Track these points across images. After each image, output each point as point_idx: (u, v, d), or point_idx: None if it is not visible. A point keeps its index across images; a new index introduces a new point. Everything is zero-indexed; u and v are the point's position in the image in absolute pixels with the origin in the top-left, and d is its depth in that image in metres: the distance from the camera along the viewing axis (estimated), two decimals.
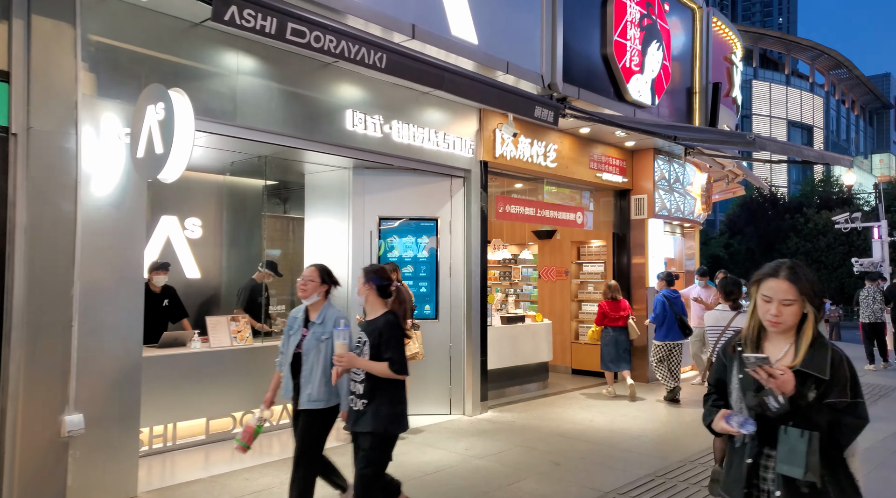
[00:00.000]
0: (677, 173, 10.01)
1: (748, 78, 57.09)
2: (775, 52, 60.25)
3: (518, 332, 8.28)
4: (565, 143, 8.35)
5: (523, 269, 11.09)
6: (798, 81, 60.69)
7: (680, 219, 10.15)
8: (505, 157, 7.39)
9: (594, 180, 8.93)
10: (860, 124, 73.05)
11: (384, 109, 6.16)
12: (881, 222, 14.87)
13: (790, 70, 60.27)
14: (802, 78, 61.95)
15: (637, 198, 9.66)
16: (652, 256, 9.58)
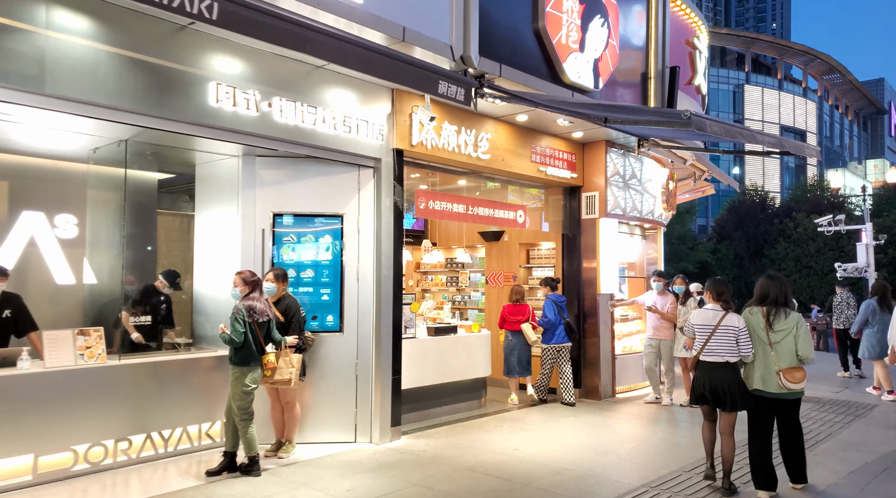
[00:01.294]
0: (633, 169, 9.12)
1: (740, 82, 56.50)
2: (768, 56, 59.66)
3: (448, 344, 7.35)
4: (501, 133, 7.45)
5: (471, 273, 10.19)
6: (791, 86, 60.10)
7: (637, 219, 9.26)
8: (424, 145, 6.48)
9: (537, 176, 8.03)
10: (854, 130, 72.51)
11: (262, 84, 5.26)
12: (866, 225, 14.00)
13: (783, 75, 59.66)
14: (795, 83, 61.37)
15: (588, 195, 8.76)
16: (604, 259, 8.68)
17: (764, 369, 4.63)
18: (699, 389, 4.79)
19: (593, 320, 8.66)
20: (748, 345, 4.65)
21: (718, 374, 4.68)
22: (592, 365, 8.65)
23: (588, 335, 8.72)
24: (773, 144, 5.84)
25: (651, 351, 8.26)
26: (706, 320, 4.82)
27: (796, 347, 4.57)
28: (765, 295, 4.75)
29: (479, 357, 7.76)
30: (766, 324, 4.65)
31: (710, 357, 4.74)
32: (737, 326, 4.69)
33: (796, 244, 30.21)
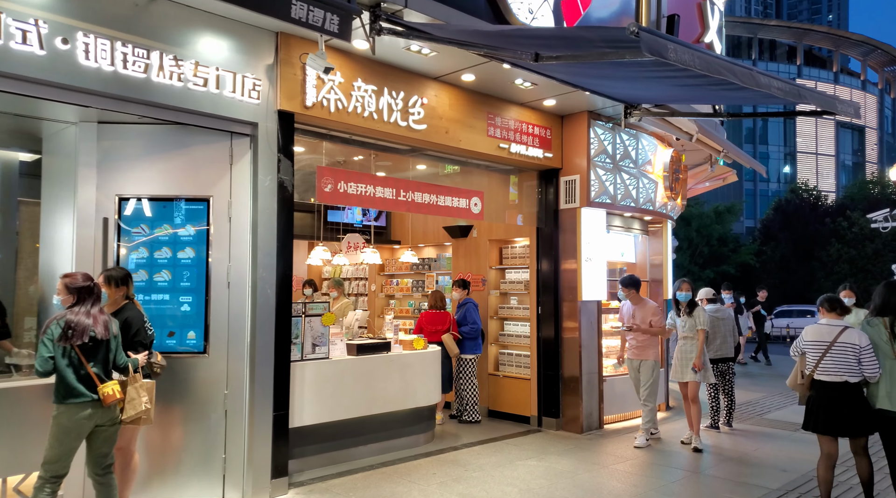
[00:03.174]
0: (626, 147, 7.40)
1: (791, 77, 53.05)
2: (823, 49, 55.98)
3: (377, 366, 5.82)
4: (442, 98, 5.89)
5: (439, 276, 8.63)
6: (848, 79, 56.27)
7: (633, 209, 7.52)
8: (326, 108, 4.99)
9: (497, 154, 6.43)
10: None
11: (56, 12, 3.84)
12: None
13: (839, 67, 55.87)
14: (853, 75, 57.47)
15: (567, 180, 7.10)
16: (586, 258, 6.99)
17: (891, 386, 4.21)
18: (814, 412, 4.41)
19: (573, 333, 6.99)
20: (874, 365, 4.23)
21: (838, 395, 4.30)
22: (572, 389, 6.97)
23: (567, 351, 7.04)
24: (784, 92, 4.11)
25: (633, 376, 6.57)
26: (820, 336, 4.44)
27: None
28: (885, 303, 4.37)
29: (424, 380, 6.20)
30: (889, 336, 4.28)
31: (826, 376, 4.36)
32: (857, 343, 4.28)
33: (851, 245, 27.43)
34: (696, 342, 6.26)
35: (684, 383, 6.42)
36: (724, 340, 7.11)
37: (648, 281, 8.44)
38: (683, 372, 6.33)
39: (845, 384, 4.31)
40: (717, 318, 7.10)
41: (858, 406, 4.30)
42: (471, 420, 7.24)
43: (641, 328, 6.38)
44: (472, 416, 7.25)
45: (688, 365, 6.28)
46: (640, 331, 6.39)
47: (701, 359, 6.26)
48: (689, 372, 6.28)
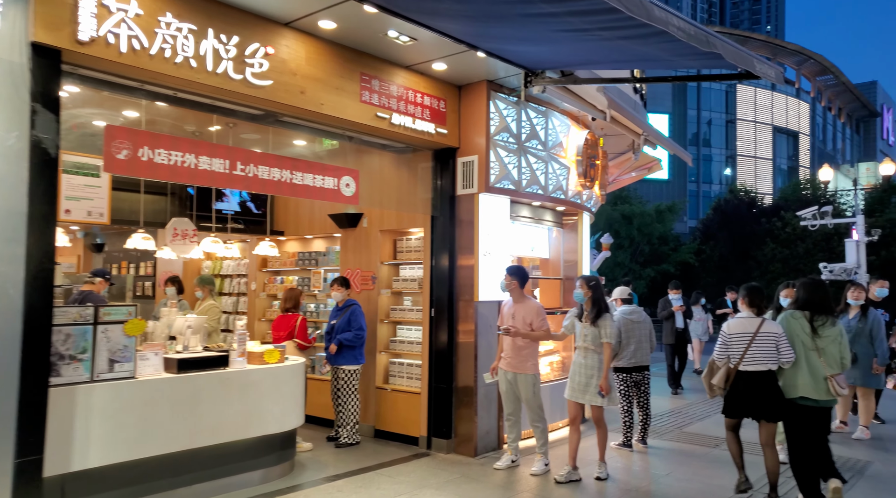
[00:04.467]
0: (534, 126, 6.43)
1: (733, 82, 54.15)
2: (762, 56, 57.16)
3: (207, 385, 4.63)
4: (298, 50, 4.75)
5: (327, 272, 7.48)
6: (784, 87, 57.80)
7: (542, 198, 6.56)
8: (113, 46, 3.77)
9: (376, 125, 5.33)
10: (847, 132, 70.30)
11: None
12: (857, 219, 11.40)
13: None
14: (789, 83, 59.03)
15: (465, 161, 6.07)
16: (485, 252, 5.98)
17: (811, 376, 4.48)
18: (736, 400, 4.65)
19: (468, 338, 5.97)
20: (790, 352, 4.52)
21: (762, 383, 4.55)
22: (467, 403, 5.95)
23: (461, 360, 6.03)
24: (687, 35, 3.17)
25: (505, 389, 5.56)
26: (744, 329, 4.65)
27: (840, 352, 4.53)
28: (807, 299, 4.65)
29: (277, 401, 5.04)
30: (811, 328, 4.56)
31: (751, 366, 4.57)
32: (776, 332, 4.56)
33: (784, 245, 27.71)
34: (600, 357, 5.19)
35: (578, 404, 5.32)
36: (640, 346, 6.23)
37: (562, 279, 7.53)
38: (582, 391, 5.25)
39: (768, 372, 4.54)
40: (632, 321, 6.22)
41: (777, 392, 4.56)
42: (349, 442, 6.14)
43: (520, 332, 5.38)
44: (350, 437, 6.15)
45: (588, 384, 5.20)
46: (518, 335, 5.38)
47: (608, 380, 5.16)
48: (592, 394, 5.19)
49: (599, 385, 5.11)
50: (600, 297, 5.25)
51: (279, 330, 6.15)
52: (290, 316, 6.19)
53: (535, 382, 5.41)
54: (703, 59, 4.09)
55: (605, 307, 5.24)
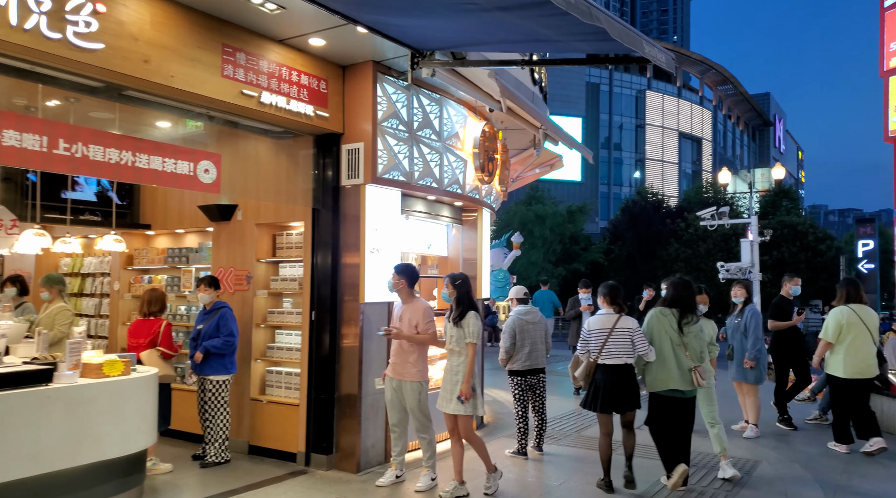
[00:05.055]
0: (427, 114, 6.00)
1: (642, 88, 56.37)
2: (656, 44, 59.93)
3: (21, 405, 3.85)
4: (141, 13, 4.06)
5: (200, 270, 6.73)
6: (689, 95, 60.91)
7: (434, 191, 6.14)
8: None
9: (239, 103, 4.70)
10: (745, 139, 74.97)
11: None
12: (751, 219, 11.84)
13: (682, 83, 60.25)
14: (693, 91, 62.28)
15: (350, 149, 5.55)
16: (372, 249, 5.49)
17: (679, 369, 4.74)
18: (600, 393, 4.84)
19: (353, 343, 5.46)
20: (644, 344, 4.76)
21: (619, 375, 4.81)
22: (350, 414, 5.44)
23: (345, 367, 5.51)
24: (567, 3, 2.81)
25: (389, 398, 5.11)
26: (603, 324, 4.88)
27: (701, 348, 4.84)
28: (676, 297, 4.91)
29: (119, 420, 4.32)
30: (678, 325, 4.82)
31: (610, 359, 4.81)
32: (631, 327, 4.82)
33: (687, 245, 28.94)
34: (466, 360, 4.77)
35: (450, 416, 4.83)
36: (535, 348, 5.94)
37: None
38: (447, 400, 4.80)
39: (624, 365, 4.84)
40: (527, 322, 5.92)
41: (633, 385, 4.89)
42: (217, 461, 5.47)
43: (401, 334, 4.94)
44: (218, 456, 5.48)
45: (454, 391, 4.78)
46: (399, 337, 4.94)
47: (470, 384, 4.70)
48: (455, 401, 4.73)
49: (460, 390, 4.69)
50: (465, 295, 4.86)
51: (137, 337, 5.39)
52: (151, 321, 5.45)
53: (421, 390, 4.97)
54: (592, 40, 3.79)
55: (470, 306, 4.84)
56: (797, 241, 27.76)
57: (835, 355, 6.19)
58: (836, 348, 6.19)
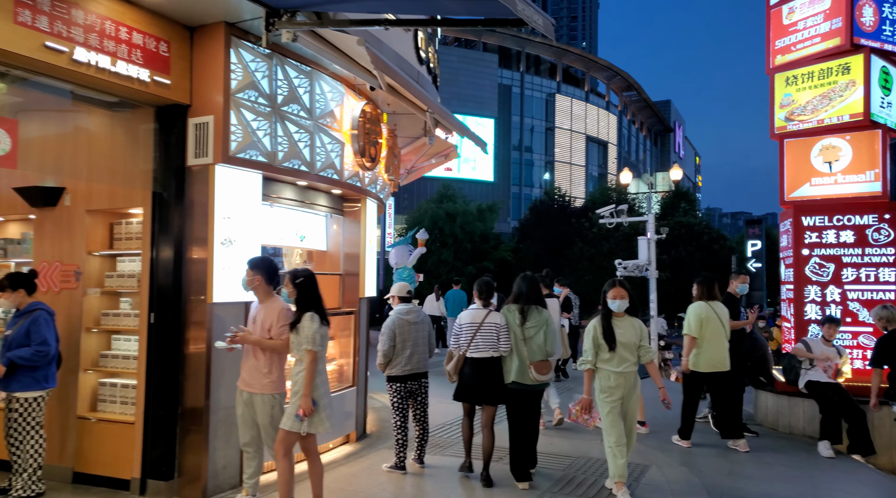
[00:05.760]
0: (295, 87, 5.30)
1: (552, 92, 57.57)
2: (578, 70, 61.79)
3: None
4: None
5: (21, 266, 5.67)
6: (596, 99, 62.86)
7: (305, 175, 5.45)
8: None
9: (41, 59, 3.82)
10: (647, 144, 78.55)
11: None
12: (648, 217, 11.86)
13: (589, 88, 62.14)
14: (600, 96, 64.37)
15: (198, 123, 4.76)
16: (223, 241, 4.73)
17: (520, 363, 4.94)
18: (466, 385, 5.03)
19: (199, 349, 4.68)
20: (507, 340, 4.98)
21: (485, 369, 4.98)
22: (196, 431, 4.65)
23: (190, 377, 4.72)
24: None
25: (240, 412, 4.41)
26: (472, 319, 5.04)
27: (545, 342, 4.97)
28: (519, 293, 5.12)
29: None
30: (521, 320, 5.01)
31: (477, 353, 4.97)
32: (498, 323, 5.00)
33: (591, 245, 29.60)
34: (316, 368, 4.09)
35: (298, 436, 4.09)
36: (417, 351, 5.38)
37: (342, 274, 6.50)
38: (288, 414, 4.11)
39: (490, 359, 4.99)
40: (408, 322, 5.36)
41: (498, 378, 5.02)
42: (26, 494, 4.52)
43: (249, 339, 4.25)
44: (29, 488, 4.54)
45: (294, 405, 4.07)
46: (248, 342, 4.25)
47: (310, 398, 4.01)
48: (294, 418, 4.03)
49: (300, 405, 4.03)
50: (306, 295, 4.14)
51: None
52: None
53: (274, 404, 4.28)
54: None
55: (309, 307, 4.11)
56: (693, 241, 29.06)
57: (693, 349, 6.32)
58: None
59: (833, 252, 7.25)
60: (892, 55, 7.36)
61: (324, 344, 4.13)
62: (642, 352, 4.83)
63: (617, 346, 4.73)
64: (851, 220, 7.20)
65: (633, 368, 4.79)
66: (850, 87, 7.13)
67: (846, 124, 7.25)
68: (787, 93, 7.63)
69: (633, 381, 4.79)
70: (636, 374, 4.85)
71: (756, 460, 5.89)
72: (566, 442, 6.37)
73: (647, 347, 4.86)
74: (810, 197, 7.58)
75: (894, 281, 7.02)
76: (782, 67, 7.76)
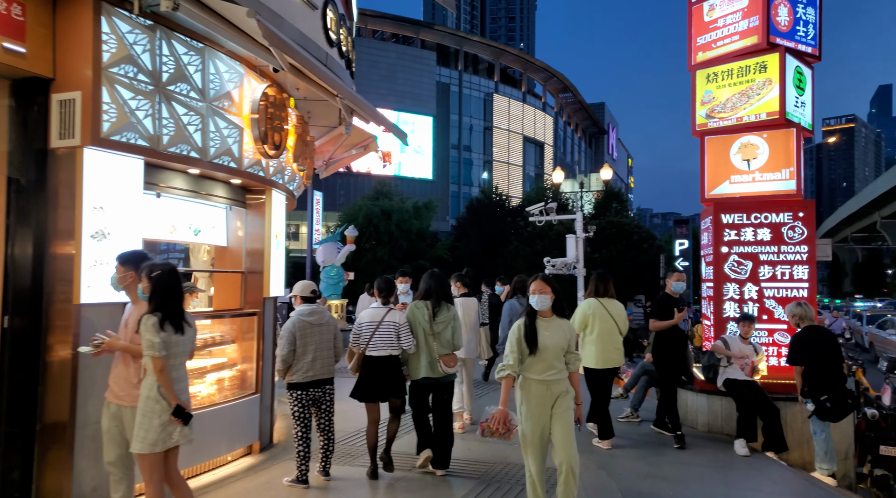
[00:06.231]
0: (184, 65, 4.78)
1: (490, 91, 57.85)
2: (516, 70, 62.38)
3: None
4: None
5: None
6: (533, 100, 63.63)
7: (197, 162, 4.93)
8: None
9: None
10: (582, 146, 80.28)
11: None
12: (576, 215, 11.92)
13: (527, 88, 62.81)
14: (536, 97, 65.21)
15: (63, 99, 4.18)
16: (95, 233, 4.18)
17: (430, 359, 5.11)
18: (364, 383, 5.06)
19: (63, 356, 4.11)
20: (409, 338, 5.07)
21: (382, 367, 5.03)
22: (57, 449, 4.09)
23: (52, 388, 4.14)
24: None
25: (106, 427, 3.85)
26: (372, 317, 5.09)
27: (453, 336, 5.15)
28: (428, 290, 5.24)
29: None
30: (430, 316, 5.15)
31: (374, 351, 5.03)
32: (398, 321, 5.08)
33: (526, 243, 29.80)
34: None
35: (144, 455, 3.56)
36: (321, 355, 4.96)
37: (244, 272, 6.00)
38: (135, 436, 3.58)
39: (388, 357, 5.04)
40: (310, 324, 4.94)
41: (397, 375, 5.10)
42: None
43: (117, 345, 3.75)
44: None
45: (142, 422, 3.54)
46: (115, 348, 3.75)
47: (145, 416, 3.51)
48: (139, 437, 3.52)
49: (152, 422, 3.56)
50: (161, 293, 3.61)
51: None
52: None
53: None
54: None
55: (160, 307, 3.58)
56: (624, 240, 29.70)
57: (587, 347, 6.35)
58: (587, 340, 6.33)
59: (751, 250, 7.30)
60: (804, 55, 7.49)
61: (174, 351, 3.63)
62: (570, 359, 4.17)
63: (539, 349, 4.02)
64: (768, 218, 7.26)
65: (561, 376, 4.09)
66: (767, 86, 7.20)
67: (763, 122, 7.31)
68: (708, 90, 7.65)
69: (560, 392, 4.06)
70: (565, 382, 4.14)
71: (675, 461, 5.79)
72: (484, 446, 6.10)
73: (575, 355, 4.20)
74: (730, 194, 7.61)
75: (807, 278, 7.12)
76: (703, 64, 7.77)
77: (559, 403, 4.06)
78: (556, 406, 4.05)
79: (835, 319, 20.34)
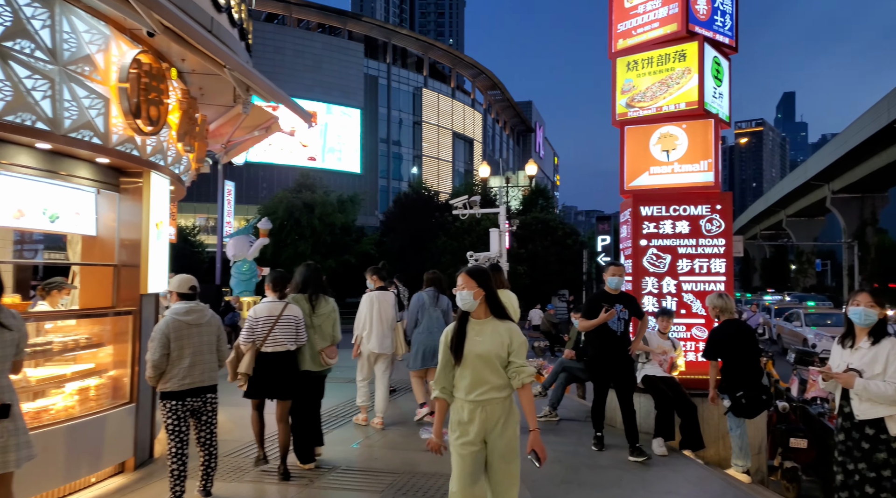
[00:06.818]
0: (24, 18, 4.00)
1: (419, 86, 57.33)
2: (445, 66, 62.14)
3: None
4: None
5: None
6: (462, 96, 63.66)
7: (44, 136, 4.16)
8: None
9: None
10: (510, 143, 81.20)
11: None
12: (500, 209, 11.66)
13: (456, 84, 62.73)
14: (466, 93, 65.28)
15: None
16: None
17: (312, 351, 5.10)
18: (260, 381, 4.90)
19: None
20: (304, 332, 5.05)
21: (279, 363, 4.91)
22: None
23: None
24: None
25: None
26: (270, 312, 4.94)
27: (333, 328, 5.22)
28: (304, 282, 5.19)
29: None
30: (310, 309, 5.13)
31: (272, 347, 4.88)
32: (297, 315, 5.00)
33: (454, 238, 29.56)
34: None
35: None
36: (200, 360, 4.33)
37: (117, 265, 5.24)
38: None
39: (286, 352, 4.94)
40: (187, 324, 4.30)
41: (295, 371, 5.02)
42: None
43: None
44: None
45: None
46: None
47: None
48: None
49: None
50: None
51: None
52: None
53: None
54: None
55: None
56: (549, 235, 30.01)
57: None
58: None
59: (670, 243, 7.17)
60: (722, 46, 7.43)
61: None
62: (514, 371, 3.19)
63: (465, 359, 3.18)
64: (687, 211, 7.15)
65: (498, 394, 3.17)
66: (686, 75, 7.07)
67: (682, 112, 7.19)
68: (629, 78, 7.46)
69: (497, 415, 3.16)
70: (507, 404, 3.22)
71: (592, 464, 5.52)
72: (393, 454, 5.62)
73: (520, 366, 3.20)
74: (649, 186, 7.47)
75: (724, 272, 7.06)
76: (623, 52, 7.59)
77: (498, 431, 3.15)
78: (492, 436, 3.15)
79: (752, 314, 20.93)
